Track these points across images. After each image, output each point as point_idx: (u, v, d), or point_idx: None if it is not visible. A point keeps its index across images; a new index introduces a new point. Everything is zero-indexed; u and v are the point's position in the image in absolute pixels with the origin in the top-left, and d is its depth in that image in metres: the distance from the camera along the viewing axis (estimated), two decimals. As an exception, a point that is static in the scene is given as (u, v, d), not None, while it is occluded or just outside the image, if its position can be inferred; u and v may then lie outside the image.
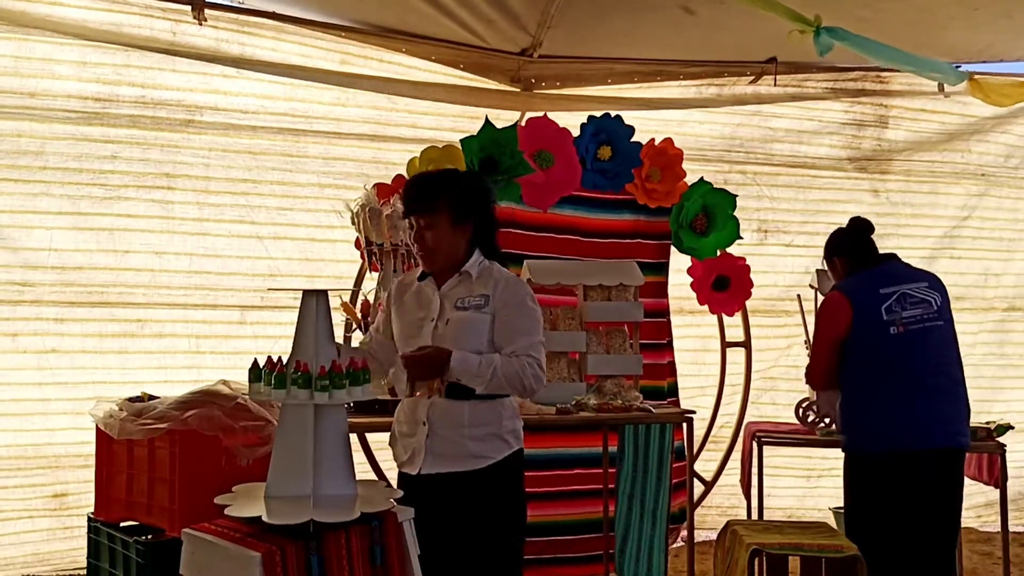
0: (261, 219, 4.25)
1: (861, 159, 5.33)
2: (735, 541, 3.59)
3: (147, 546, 2.85)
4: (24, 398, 3.86)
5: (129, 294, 3.99)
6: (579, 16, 4.23)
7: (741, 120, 5.13)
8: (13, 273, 3.82)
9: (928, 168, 5.43)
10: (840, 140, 5.30)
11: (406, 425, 2.76)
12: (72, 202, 3.87)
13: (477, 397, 2.63)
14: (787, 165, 5.22)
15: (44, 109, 3.82)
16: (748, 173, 5.11)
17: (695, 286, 4.42)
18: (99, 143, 3.92)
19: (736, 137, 5.14)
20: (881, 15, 4.22)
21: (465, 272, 2.69)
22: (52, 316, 3.88)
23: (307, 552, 2.41)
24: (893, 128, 5.33)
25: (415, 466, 2.70)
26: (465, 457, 2.65)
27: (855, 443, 3.46)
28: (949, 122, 5.38)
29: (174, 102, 4.05)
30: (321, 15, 4.26)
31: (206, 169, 4.10)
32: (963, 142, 5.42)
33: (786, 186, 5.21)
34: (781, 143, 5.23)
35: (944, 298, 3.45)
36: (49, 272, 3.87)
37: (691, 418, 3.79)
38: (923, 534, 3.29)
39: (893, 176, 5.38)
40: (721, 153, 5.10)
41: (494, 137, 3.99)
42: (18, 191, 3.79)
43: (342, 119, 4.41)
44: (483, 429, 2.65)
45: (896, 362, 3.32)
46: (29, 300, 3.83)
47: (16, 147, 3.80)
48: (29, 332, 3.86)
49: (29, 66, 3.80)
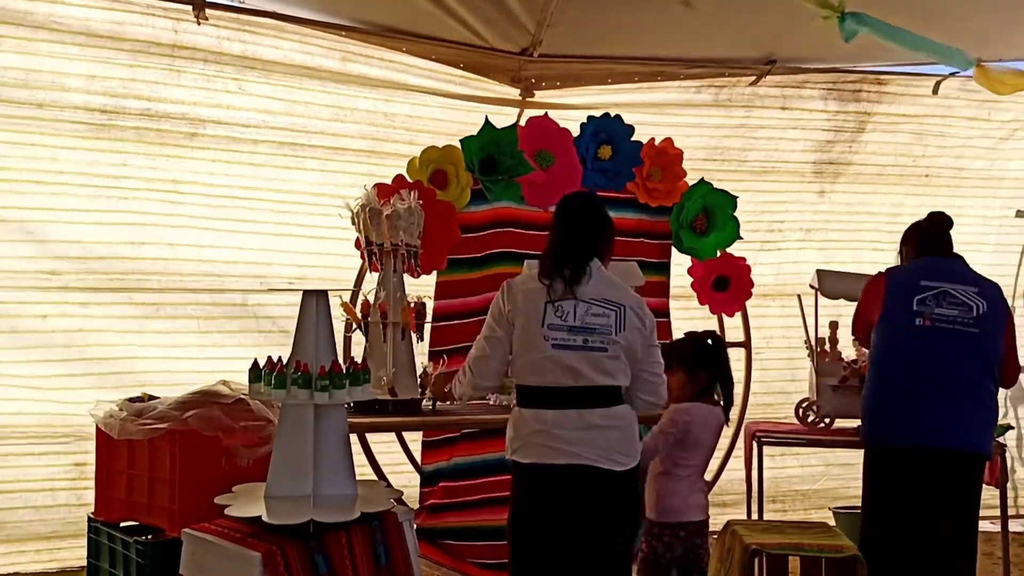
0: (261, 219, 4.44)
1: (823, 163, 5.35)
2: (735, 541, 3.59)
3: (147, 546, 2.86)
4: (52, 374, 4.16)
5: (146, 280, 4.29)
6: (579, 14, 4.23)
7: (727, 132, 5.14)
8: (43, 263, 4.12)
9: (877, 171, 5.46)
10: (813, 146, 5.31)
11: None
12: (91, 201, 4.15)
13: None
14: (756, 172, 5.25)
15: (53, 121, 4.00)
16: (724, 181, 5.07)
17: (695, 286, 4.42)
18: (109, 153, 4.15)
19: (719, 148, 5.16)
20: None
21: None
22: (78, 300, 4.20)
23: (310, 551, 2.41)
24: (869, 132, 5.34)
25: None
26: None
27: (865, 434, 3.46)
28: (929, 123, 5.37)
29: (178, 115, 4.21)
30: (322, 14, 4.26)
31: (211, 177, 4.34)
32: (921, 147, 5.44)
33: (745, 190, 5.20)
34: (758, 152, 5.24)
35: (993, 308, 3.32)
36: (74, 262, 4.17)
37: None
38: (932, 534, 3.24)
39: (843, 179, 5.43)
40: (698, 163, 5.09)
41: (494, 137, 3.99)
42: (40, 191, 4.06)
43: (340, 135, 4.49)
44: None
45: (909, 353, 3.29)
46: (57, 286, 4.15)
47: (31, 154, 4.04)
48: (57, 314, 4.18)
49: (39, 78, 3.95)
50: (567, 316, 2.70)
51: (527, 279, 2.81)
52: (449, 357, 3.71)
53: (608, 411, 2.72)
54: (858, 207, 5.48)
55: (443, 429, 3.98)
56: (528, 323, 2.72)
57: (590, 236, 2.84)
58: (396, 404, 3.30)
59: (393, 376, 3.31)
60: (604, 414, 2.71)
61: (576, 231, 2.83)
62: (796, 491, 5.53)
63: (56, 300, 4.17)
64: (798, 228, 5.44)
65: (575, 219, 2.86)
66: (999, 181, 5.67)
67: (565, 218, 2.88)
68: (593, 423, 2.69)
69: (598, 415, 2.70)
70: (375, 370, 3.24)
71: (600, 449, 2.68)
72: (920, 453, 3.26)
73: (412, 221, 3.42)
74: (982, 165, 5.60)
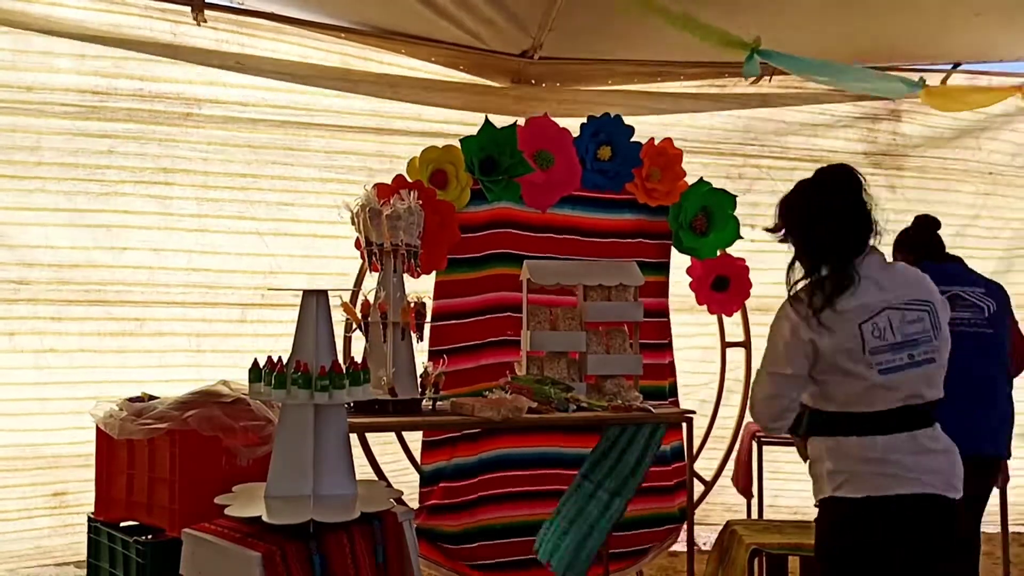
0: (261, 215, 4.20)
1: (876, 154, 5.28)
2: (734, 541, 3.60)
3: (147, 546, 2.86)
4: (22, 398, 3.83)
5: (127, 292, 3.94)
6: (580, 18, 4.23)
7: (752, 113, 5.06)
8: (9, 271, 3.78)
9: (941, 165, 5.37)
10: (855, 133, 5.23)
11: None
12: (68, 198, 3.82)
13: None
14: (801, 159, 5.11)
15: (40, 103, 3.78)
16: (763, 167, 5.05)
17: (694, 286, 4.42)
18: (95, 138, 3.87)
19: (750, 130, 5.06)
20: (887, 14, 4.22)
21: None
22: (49, 315, 3.84)
23: (309, 551, 2.41)
24: (907, 122, 5.28)
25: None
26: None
27: None
28: (961, 116, 5.33)
29: (173, 95, 4.00)
30: (321, 16, 4.26)
31: (205, 164, 4.05)
32: (974, 139, 5.39)
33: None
34: (796, 136, 5.15)
35: (999, 306, 3.35)
36: (46, 270, 3.83)
37: (691, 418, 3.78)
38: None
39: (908, 172, 5.31)
40: (735, 147, 5.03)
41: (494, 137, 4.00)
42: (13, 187, 3.75)
43: (344, 112, 4.34)
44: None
45: None
46: (25, 299, 3.80)
47: (11, 142, 3.76)
48: (26, 331, 3.83)
49: (27, 59, 3.76)
50: (884, 333, 2.33)
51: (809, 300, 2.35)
52: (449, 357, 3.71)
53: (935, 431, 2.38)
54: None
55: (443, 429, 3.98)
56: (842, 349, 2.32)
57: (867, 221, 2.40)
58: (396, 404, 3.31)
59: (393, 376, 3.31)
60: (931, 435, 2.36)
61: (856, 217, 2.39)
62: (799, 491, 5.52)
63: (25, 315, 3.79)
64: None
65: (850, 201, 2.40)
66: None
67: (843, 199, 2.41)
68: (926, 447, 2.33)
69: (927, 436, 2.35)
70: (375, 370, 3.24)
71: (941, 476, 2.33)
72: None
73: (412, 221, 3.43)
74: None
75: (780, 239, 2.50)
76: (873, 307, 2.33)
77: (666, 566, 4.85)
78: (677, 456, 4.35)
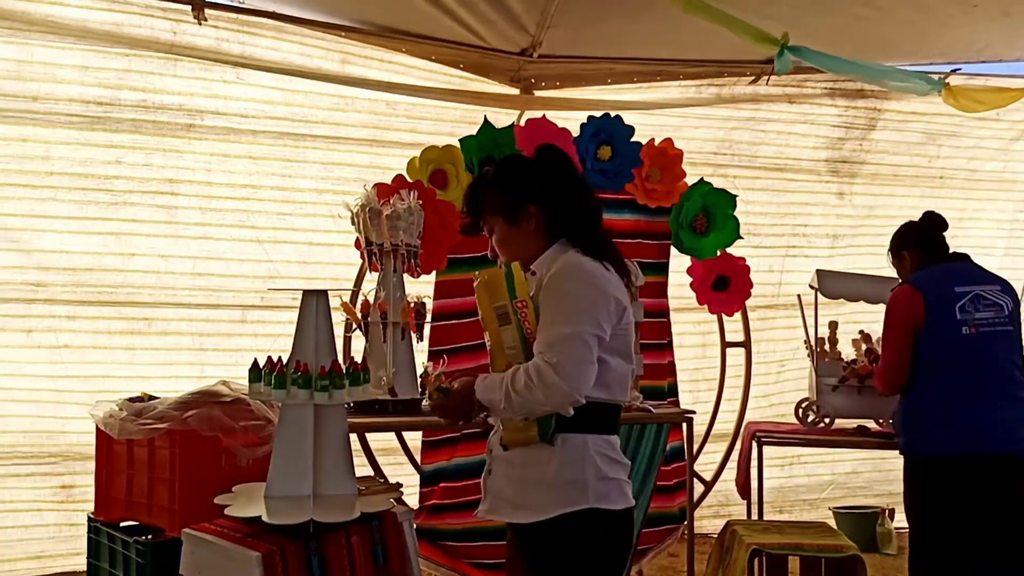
0: (261, 223, 4.36)
1: (836, 161, 5.32)
2: (735, 541, 3.60)
3: (147, 546, 2.86)
4: (38, 388, 4.05)
5: (136, 294, 4.15)
6: (579, 16, 4.23)
7: (736, 124, 5.11)
8: (28, 274, 4.00)
9: (893, 172, 5.44)
10: (824, 143, 5.29)
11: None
12: (80, 207, 4.02)
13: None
14: (768, 168, 5.22)
15: (47, 113, 3.91)
16: (729, 177, 5.05)
17: (695, 286, 4.42)
18: (103, 148, 4.03)
19: (727, 140, 5.13)
20: (880, 13, 4.22)
21: (531, 272, 2.28)
22: (64, 314, 4.06)
23: (307, 552, 2.41)
24: (880, 130, 5.31)
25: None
26: (512, 507, 2.19)
27: (915, 445, 3.30)
28: (937, 122, 5.35)
29: (175, 106, 4.12)
30: (321, 15, 4.26)
31: (207, 174, 4.20)
32: (935, 147, 5.42)
33: (763, 190, 5.20)
34: (768, 146, 5.22)
35: (1015, 303, 3.34)
36: (61, 273, 4.05)
37: (691, 418, 3.78)
38: (987, 541, 3.15)
39: (860, 180, 5.41)
40: (708, 156, 5.08)
41: (493, 137, 3.99)
42: (28, 196, 3.94)
43: (341, 124, 4.44)
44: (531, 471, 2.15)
45: (965, 363, 3.21)
46: (42, 299, 4.02)
47: (22, 152, 3.93)
48: (43, 329, 4.05)
49: (31, 70, 3.86)
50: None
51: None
52: (449, 357, 3.71)
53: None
54: (878, 210, 5.42)
55: (443, 429, 3.98)
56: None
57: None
58: (396, 404, 3.30)
59: (393, 376, 3.31)
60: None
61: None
62: (803, 500, 5.54)
63: (41, 314, 4.01)
64: (824, 235, 5.44)
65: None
66: (1012, 184, 5.67)
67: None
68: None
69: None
70: (375, 370, 3.24)
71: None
72: (966, 462, 3.15)
73: (412, 221, 3.42)
74: (995, 167, 5.59)
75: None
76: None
77: (666, 566, 4.85)
78: (677, 456, 4.35)
